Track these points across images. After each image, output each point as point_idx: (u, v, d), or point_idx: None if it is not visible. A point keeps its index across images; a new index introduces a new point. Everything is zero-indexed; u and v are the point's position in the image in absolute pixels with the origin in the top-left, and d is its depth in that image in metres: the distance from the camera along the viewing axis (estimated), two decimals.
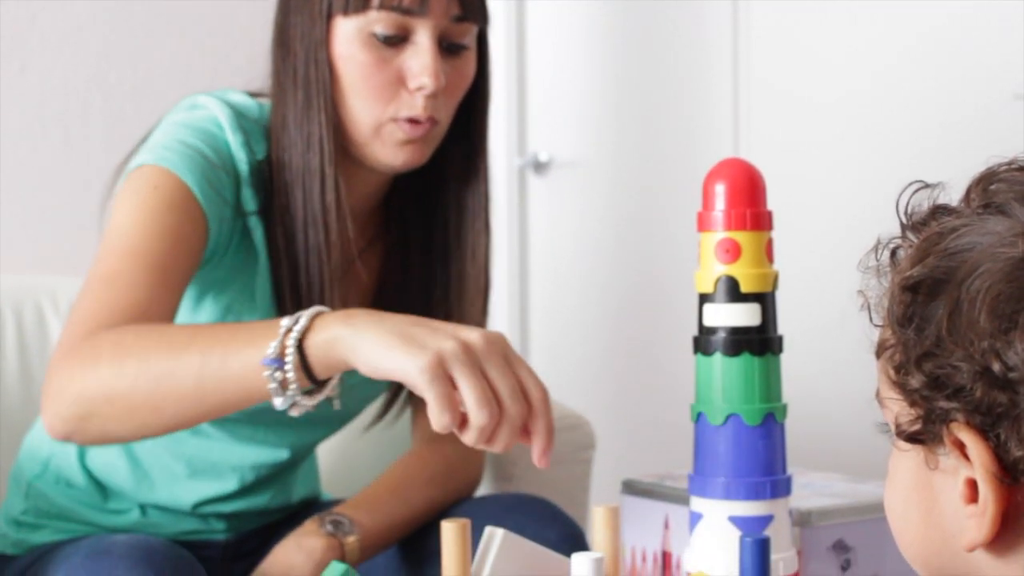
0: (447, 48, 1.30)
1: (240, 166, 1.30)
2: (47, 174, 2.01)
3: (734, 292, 1.01)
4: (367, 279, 1.40)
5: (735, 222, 1.00)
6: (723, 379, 1.01)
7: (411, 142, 1.30)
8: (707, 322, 1.02)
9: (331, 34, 1.28)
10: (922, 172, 0.77)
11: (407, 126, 1.29)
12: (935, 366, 0.66)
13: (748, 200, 1.01)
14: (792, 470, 1.08)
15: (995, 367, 0.63)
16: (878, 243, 0.74)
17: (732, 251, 1.00)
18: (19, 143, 1.98)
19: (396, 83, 1.28)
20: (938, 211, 0.71)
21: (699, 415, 1.02)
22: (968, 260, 0.66)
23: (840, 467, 1.49)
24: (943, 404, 0.66)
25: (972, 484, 0.66)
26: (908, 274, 0.68)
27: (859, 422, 1.12)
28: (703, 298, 1.02)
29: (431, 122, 1.30)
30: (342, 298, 1.33)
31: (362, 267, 1.38)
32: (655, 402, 2.91)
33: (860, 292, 0.74)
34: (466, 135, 1.38)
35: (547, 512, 1.35)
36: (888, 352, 0.70)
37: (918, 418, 0.68)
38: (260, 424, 1.38)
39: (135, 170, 1.27)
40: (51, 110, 2.01)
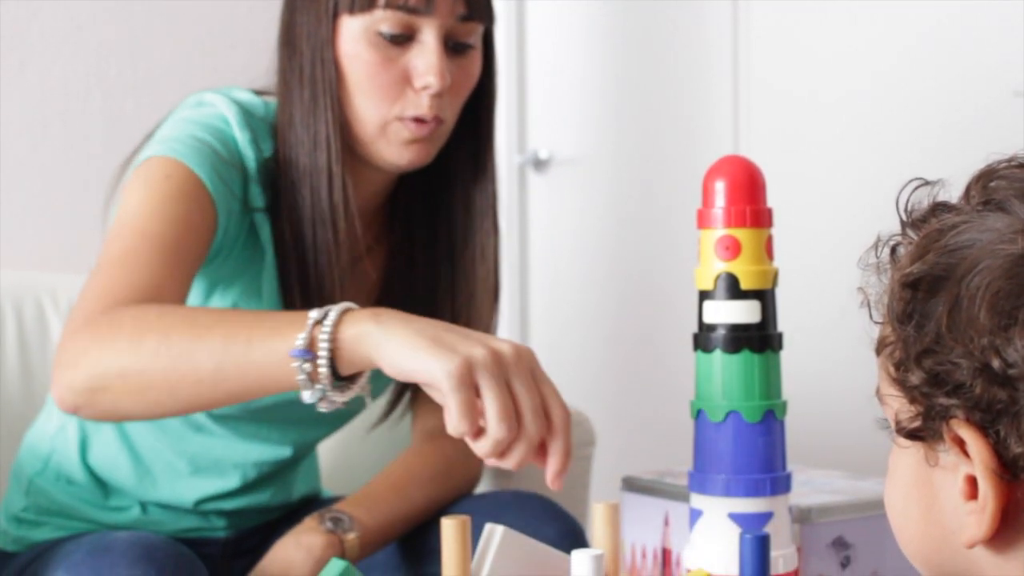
0: (453, 47, 1.30)
1: (248, 163, 1.30)
2: (47, 171, 2.01)
3: (734, 289, 1.00)
4: (374, 277, 1.40)
5: (735, 219, 1.00)
6: (723, 376, 1.01)
7: (416, 141, 1.30)
8: (707, 319, 1.02)
9: (337, 33, 1.28)
10: (922, 169, 0.77)
11: (413, 125, 1.29)
12: (935, 363, 0.66)
13: (748, 197, 1.01)
14: (792, 467, 1.08)
15: (995, 363, 0.63)
16: (878, 240, 0.74)
17: (732, 248, 1.00)
18: (19, 140, 1.98)
19: (402, 82, 1.28)
20: (938, 208, 0.71)
21: (699, 412, 1.02)
22: (968, 257, 0.66)
23: (840, 464, 1.49)
24: (943, 401, 0.66)
25: (972, 481, 0.66)
26: (908, 271, 0.68)
27: (859, 419, 1.12)
28: (703, 295, 1.02)
29: (437, 121, 1.30)
30: (349, 296, 1.32)
31: (370, 265, 1.38)
32: (655, 399, 2.91)
33: (860, 289, 0.74)
34: (473, 134, 1.38)
35: (547, 509, 1.35)
36: (888, 349, 0.70)
37: (918, 415, 0.68)
38: (263, 421, 1.38)
39: (145, 161, 1.26)
40: (51, 108, 2.01)
